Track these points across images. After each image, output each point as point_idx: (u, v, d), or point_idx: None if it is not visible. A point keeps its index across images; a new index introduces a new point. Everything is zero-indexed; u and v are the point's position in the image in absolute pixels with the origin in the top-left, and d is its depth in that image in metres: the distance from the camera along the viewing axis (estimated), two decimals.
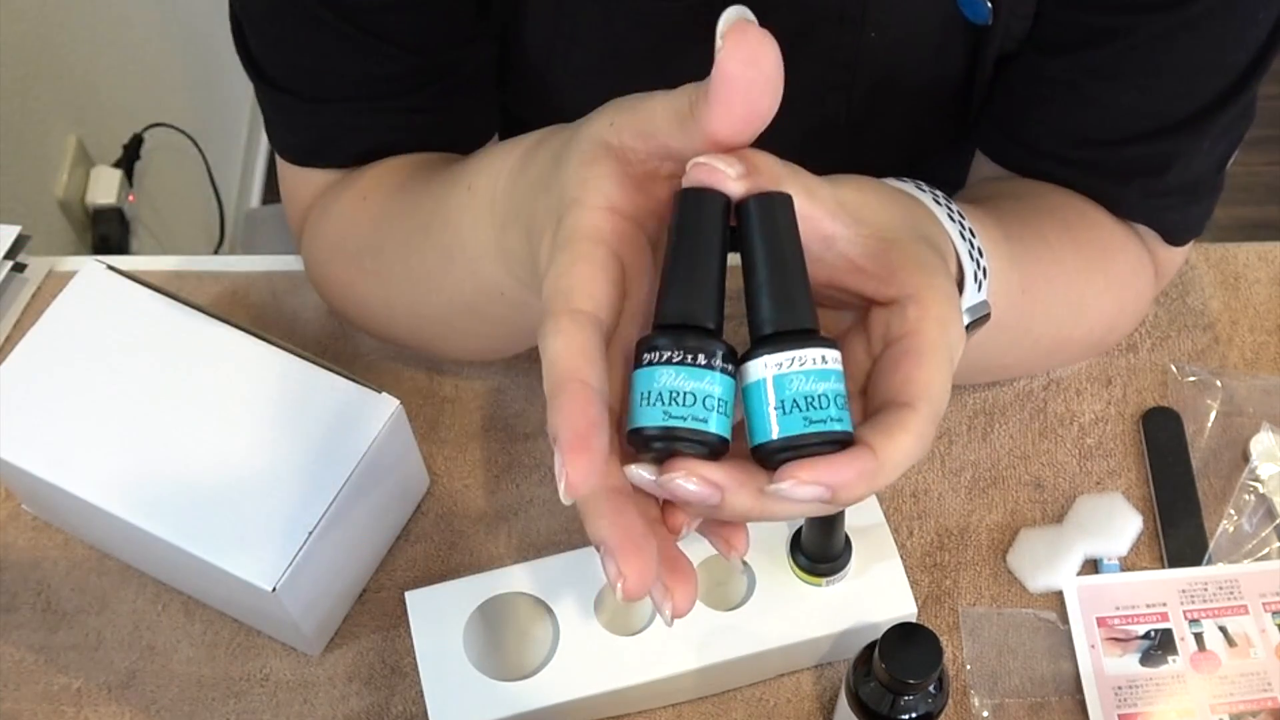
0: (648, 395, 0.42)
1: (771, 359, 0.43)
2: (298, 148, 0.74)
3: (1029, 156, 0.71)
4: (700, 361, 0.42)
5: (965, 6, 0.67)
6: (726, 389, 0.43)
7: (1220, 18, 0.63)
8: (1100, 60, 0.66)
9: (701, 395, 0.42)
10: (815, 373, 0.43)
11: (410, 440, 0.72)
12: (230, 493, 0.65)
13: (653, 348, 0.43)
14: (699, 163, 0.44)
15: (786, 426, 0.42)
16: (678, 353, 0.42)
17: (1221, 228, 1.91)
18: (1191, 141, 0.68)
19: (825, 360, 0.43)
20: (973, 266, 0.55)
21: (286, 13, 0.67)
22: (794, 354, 0.43)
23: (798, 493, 0.42)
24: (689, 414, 0.42)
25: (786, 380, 0.42)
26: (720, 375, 0.43)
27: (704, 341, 0.43)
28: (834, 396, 0.43)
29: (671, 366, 0.42)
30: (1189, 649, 0.70)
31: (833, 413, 0.42)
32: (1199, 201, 0.72)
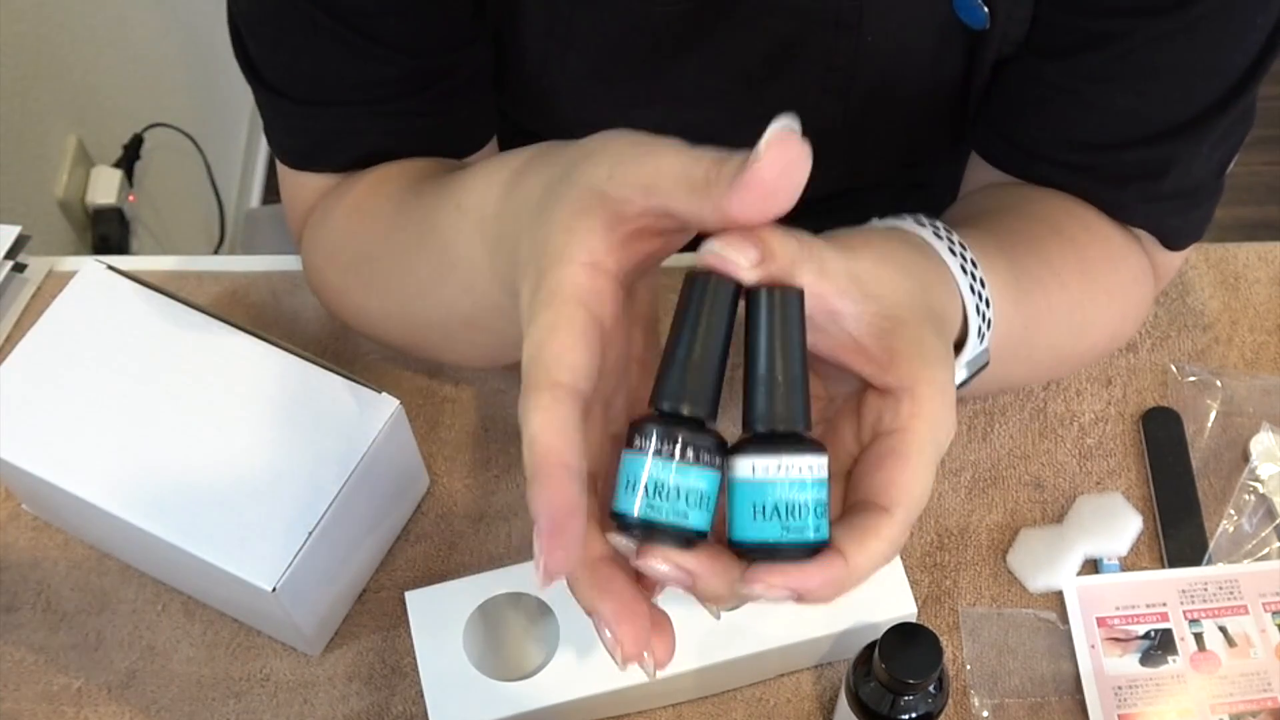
0: (633, 483, 0.43)
1: (759, 462, 0.43)
2: (295, 151, 0.74)
3: (1026, 160, 0.71)
4: (688, 457, 0.43)
5: (962, 11, 0.67)
6: (711, 484, 0.44)
7: (1218, 21, 0.63)
8: (1098, 64, 0.66)
9: (685, 491, 0.43)
10: (798, 483, 0.43)
11: (410, 440, 0.72)
12: (230, 493, 0.65)
13: (644, 434, 0.43)
14: (712, 251, 0.44)
15: (763, 532, 0.43)
16: (667, 444, 0.43)
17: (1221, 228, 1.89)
18: (1190, 145, 0.67)
19: (811, 469, 0.43)
20: (977, 321, 0.56)
21: (283, 16, 0.67)
22: (780, 460, 0.43)
23: (767, 594, 0.43)
24: (670, 508, 0.43)
25: (769, 488, 0.43)
26: (706, 471, 0.43)
27: (694, 435, 0.43)
28: (814, 505, 0.43)
29: (659, 459, 0.43)
30: (1189, 649, 0.70)
31: (810, 522, 0.43)
32: (1199, 206, 0.72)
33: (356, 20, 0.66)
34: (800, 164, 0.42)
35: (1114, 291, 0.71)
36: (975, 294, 0.56)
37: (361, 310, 0.73)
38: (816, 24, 0.69)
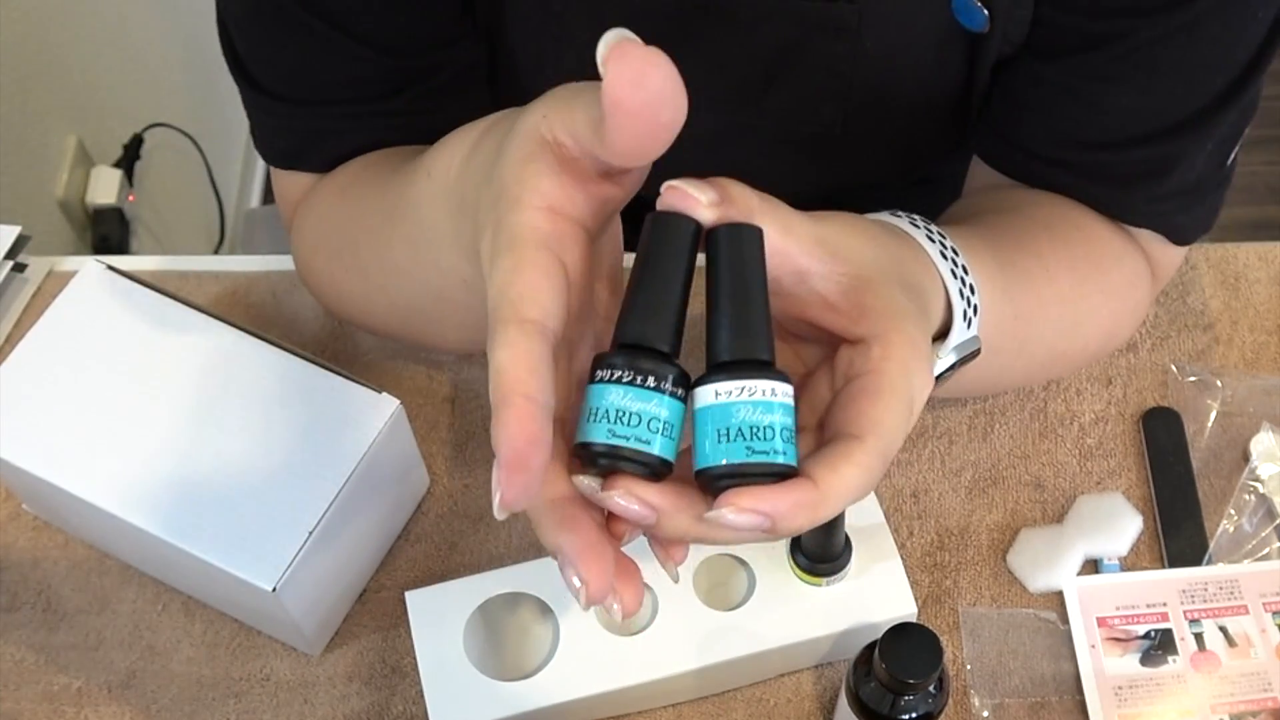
0: (595, 412, 0.43)
1: (721, 386, 0.43)
2: (281, 151, 0.74)
3: (1029, 162, 0.71)
4: (650, 384, 0.43)
5: (961, 15, 0.67)
6: (674, 413, 0.44)
7: (1219, 17, 0.63)
8: (1100, 63, 0.66)
9: (647, 417, 0.43)
10: (763, 404, 0.43)
11: (410, 440, 0.72)
12: (230, 493, 0.65)
13: (606, 365, 0.44)
14: (671, 186, 0.44)
15: (728, 454, 0.43)
16: (629, 373, 0.43)
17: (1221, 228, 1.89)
18: (1194, 142, 0.67)
19: (774, 393, 0.43)
20: (962, 305, 0.56)
21: (269, 16, 0.67)
22: (744, 384, 0.43)
23: (735, 520, 0.42)
24: (633, 434, 0.43)
25: (733, 409, 0.43)
26: (668, 399, 0.43)
27: (657, 364, 0.43)
28: (779, 429, 0.43)
29: (621, 386, 0.43)
30: (1189, 649, 0.70)
31: (777, 445, 0.43)
32: (1203, 201, 0.72)
33: (341, 19, 0.66)
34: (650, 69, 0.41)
35: (1108, 291, 0.71)
36: (957, 279, 0.55)
37: (348, 296, 0.72)
38: (815, 30, 0.69)
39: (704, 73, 0.72)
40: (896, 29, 0.69)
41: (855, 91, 0.73)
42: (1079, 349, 0.73)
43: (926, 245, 0.55)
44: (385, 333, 0.75)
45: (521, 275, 0.43)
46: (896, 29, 0.69)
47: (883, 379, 0.46)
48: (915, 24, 0.69)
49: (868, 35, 0.69)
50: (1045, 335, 0.68)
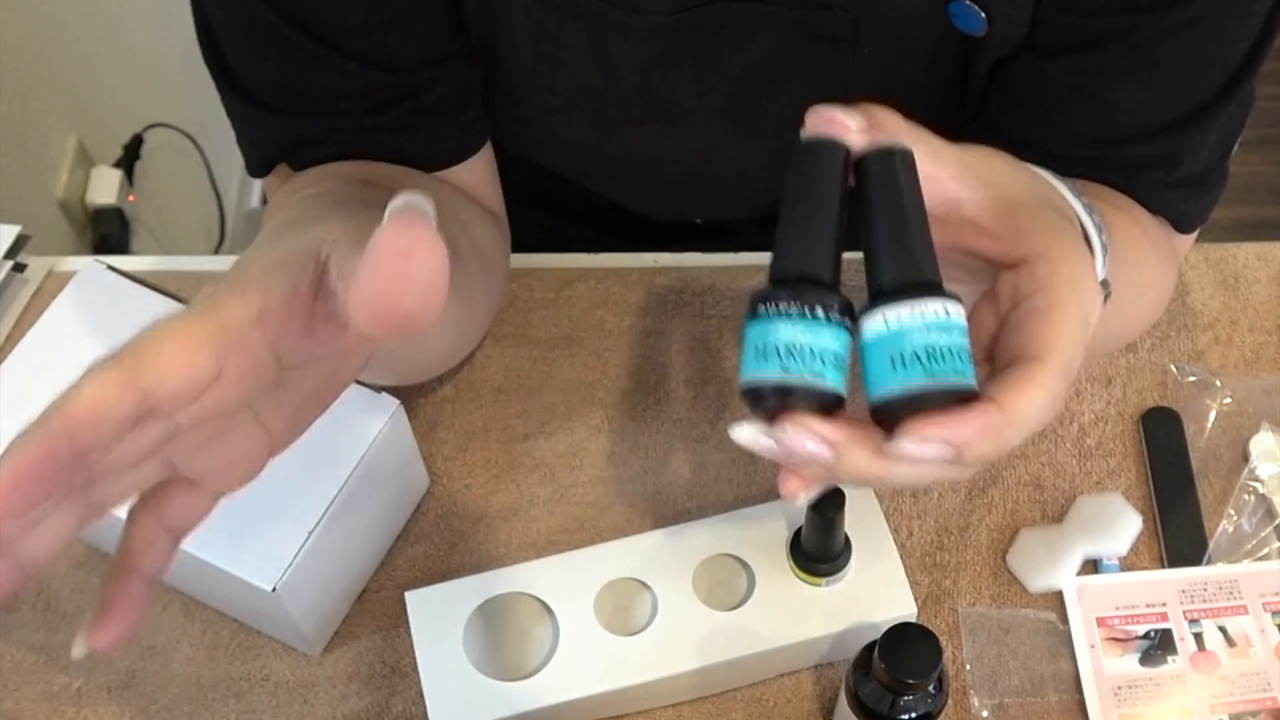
0: (763, 348, 0.41)
1: (890, 311, 0.41)
2: (263, 159, 0.74)
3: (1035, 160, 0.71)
4: (818, 314, 0.41)
5: (959, 19, 0.67)
6: (843, 344, 0.41)
7: (1220, 12, 0.63)
8: (1103, 60, 0.66)
9: (819, 349, 0.41)
10: (936, 324, 0.41)
11: (410, 440, 0.72)
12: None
13: (770, 299, 0.41)
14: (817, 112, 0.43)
15: (906, 379, 0.40)
16: (796, 304, 0.41)
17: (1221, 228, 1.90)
18: (1197, 135, 0.68)
19: (947, 313, 0.41)
20: (1100, 243, 0.54)
21: (258, 31, 0.67)
22: (913, 305, 0.41)
23: (919, 451, 0.40)
24: (806, 368, 0.41)
25: (906, 332, 0.41)
26: (838, 328, 0.41)
27: (821, 294, 0.41)
28: (957, 350, 0.41)
29: (789, 318, 0.41)
30: (1189, 649, 0.70)
31: (956, 365, 0.41)
32: (1208, 192, 0.72)
33: (332, 38, 0.66)
34: (422, 259, 0.36)
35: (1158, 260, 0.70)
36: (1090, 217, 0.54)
37: None
38: (811, 38, 0.69)
39: (701, 84, 0.72)
40: (893, 36, 0.69)
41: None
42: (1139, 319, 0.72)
43: (1058, 184, 0.54)
44: None
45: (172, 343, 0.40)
46: (893, 36, 0.69)
47: (1054, 295, 0.44)
48: (912, 30, 0.69)
49: (864, 43, 0.69)
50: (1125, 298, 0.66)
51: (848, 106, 0.43)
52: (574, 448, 0.78)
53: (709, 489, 0.76)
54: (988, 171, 0.47)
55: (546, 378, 0.80)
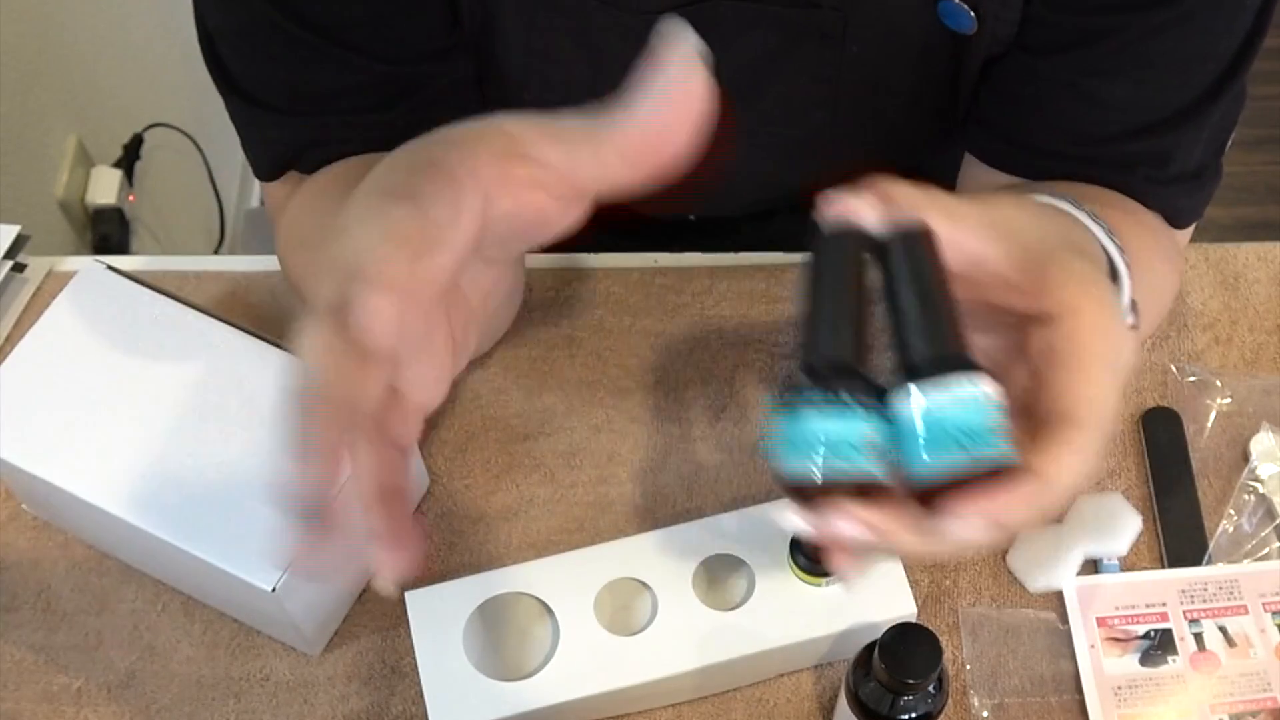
0: (798, 441, 0.41)
1: (919, 390, 0.41)
2: (271, 162, 0.74)
3: (1029, 158, 0.71)
4: (850, 402, 0.41)
5: (948, 18, 0.67)
6: (878, 429, 0.41)
7: (1211, 8, 0.63)
8: (1094, 58, 0.66)
9: (854, 439, 0.41)
10: (970, 401, 0.41)
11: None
12: (230, 493, 0.65)
13: (798, 390, 0.41)
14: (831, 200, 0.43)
15: (943, 459, 0.40)
16: (826, 395, 0.41)
17: (1221, 228, 1.90)
18: (1190, 132, 0.68)
19: (977, 386, 0.41)
20: (1125, 269, 0.54)
21: (257, 28, 0.67)
22: (946, 384, 0.41)
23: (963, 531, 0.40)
24: (845, 461, 0.41)
25: (941, 412, 0.41)
26: (872, 414, 0.41)
27: (851, 380, 0.41)
28: (993, 425, 0.41)
29: (821, 409, 0.41)
30: (1189, 649, 0.70)
31: (993, 440, 0.40)
32: (1203, 188, 0.72)
33: (334, 32, 0.66)
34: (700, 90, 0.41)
35: (1165, 260, 0.70)
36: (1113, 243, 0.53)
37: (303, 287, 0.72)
38: (801, 36, 0.69)
39: None
40: (882, 33, 0.69)
41: (843, 95, 0.73)
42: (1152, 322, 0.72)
43: (1076, 213, 0.53)
44: None
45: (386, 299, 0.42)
46: (882, 33, 0.69)
47: (1080, 348, 0.44)
48: (901, 28, 0.69)
49: (853, 40, 0.69)
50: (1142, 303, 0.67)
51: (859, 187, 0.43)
52: (574, 448, 0.78)
53: (709, 489, 0.76)
54: (1008, 224, 0.47)
55: (546, 378, 0.80)
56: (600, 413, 0.79)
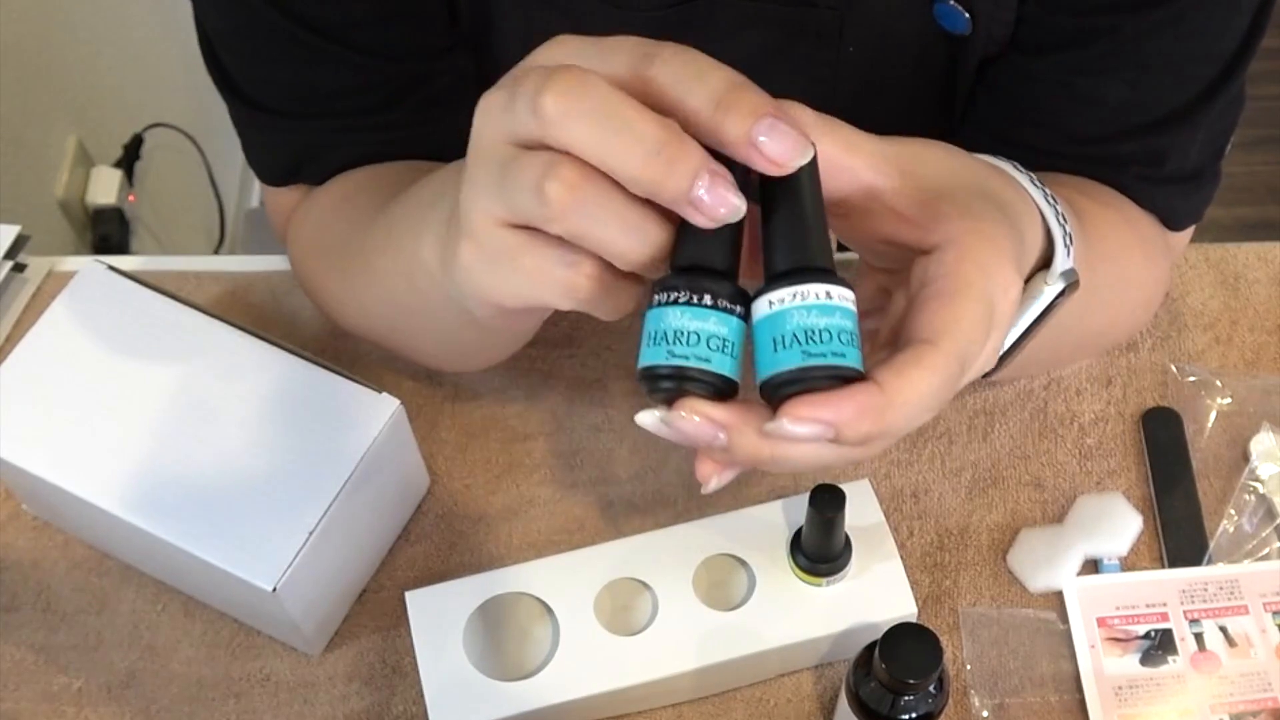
0: (654, 335, 0.43)
1: (775, 295, 0.42)
2: (275, 167, 0.74)
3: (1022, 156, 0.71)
4: (705, 301, 0.43)
5: (943, 19, 0.67)
6: (733, 330, 0.43)
7: (1205, 9, 0.63)
8: (1088, 58, 0.66)
9: (706, 335, 0.42)
10: (817, 307, 0.42)
11: (410, 440, 0.72)
12: (230, 493, 0.65)
13: (663, 288, 0.43)
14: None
15: (784, 360, 0.42)
16: (685, 293, 0.43)
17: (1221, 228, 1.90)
18: (1184, 133, 0.68)
19: (830, 295, 0.42)
20: (1060, 231, 0.53)
21: (257, 30, 0.67)
22: (796, 289, 0.42)
23: (794, 430, 0.41)
24: (692, 353, 0.42)
25: (787, 314, 0.42)
26: (725, 315, 0.43)
27: (713, 283, 0.43)
28: (837, 331, 0.42)
29: (678, 307, 0.43)
30: (1189, 649, 0.70)
31: (834, 347, 0.42)
32: (1199, 189, 0.72)
33: (334, 32, 0.66)
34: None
35: (1146, 253, 0.70)
36: (1051, 206, 0.53)
37: (334, 298, 0.72)
38: (797, 34, 0.69)
39: None
40: (878, 33, 0.69)
41: (839, 95, 0.73)
42: (1125, 315, 0.72)
43: (1016, 174, 0.53)
44: (370, 339, 0.75)
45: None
46: (878, 33, 0.69)
47: (956, 280, 0.44)
48: (897, 28, 0.69)
49: (849, 40, 0.69)
50: (1104, 292, 0.67)
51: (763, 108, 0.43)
52: (574, 448, 0.78)
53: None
54: (911, 161, 0.47)
55: (546, 378, 0.80)
56: (600, 413, 0.79)
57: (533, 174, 0.42)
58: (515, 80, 0.43)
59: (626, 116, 0.41)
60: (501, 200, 0.44)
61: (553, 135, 0.42)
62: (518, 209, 0.43)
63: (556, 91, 0.41)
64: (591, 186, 0.42)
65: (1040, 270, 0.53)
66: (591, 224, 0.42)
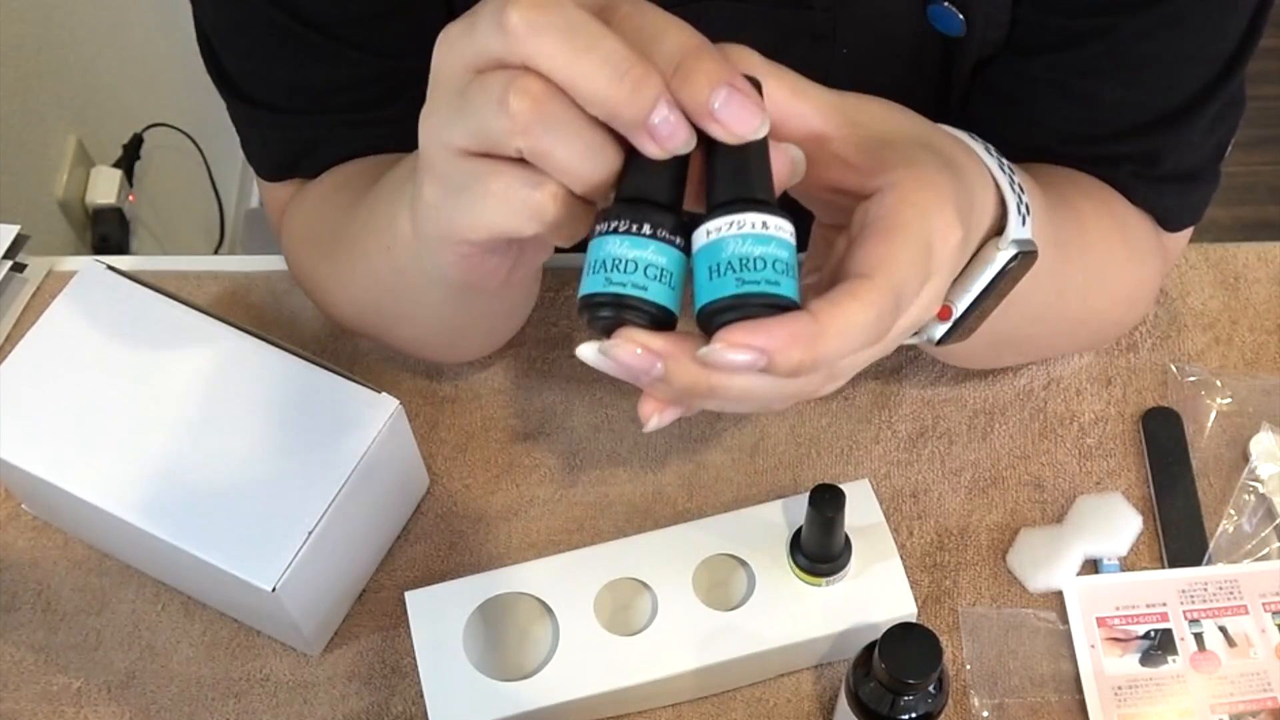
0: (594, 264, 0.43)
1: (712, 224, 0.43)
2: (273, 163, 0.74)
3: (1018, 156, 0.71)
4: (645, 231, 0.43)
5: (938, 21, 0.67)
6: (673, 261, 0.43)
7: (1200, 11, 0.63)
8: (1083, 59, 0.66)
9: (644, 263, 0.43)
10: (752, 236, 0.42)
11: (410, 440, 0.72)
12: (230, 493, 0.65)
13: (604, 218, 0.44)
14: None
15: (719, 289, 0.42)
16: (625, 222, 0.43)
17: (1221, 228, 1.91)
18: (1180, 134, 0.68)
19: (765, 226, 0.42)
20: (1014, 198, 0.53)
21: (254, 25, 0.67)
22: (732, 218, 0.43)
23: (727, 357, 0.41)
24: (629, 281, 0.43)
25: (723, 243, 0.42)
26: (664, 245, 0.43)
27: (655, 213, 0.43)
28: (771, 261, 0.42)
29: (617, 235, 0.43)
30: (1189, 649, 0.70)
31: (769, 275, 0.42)
32: (1196, 190, 0.72)
33: (326, 26, 0.66)
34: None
35: (1131, 251, 0.70)
36: (1006, 175, 0.53)
37: (323, 286, 0.72)
38: (792, 35, 0.69)
39: None
40: (872, 35, 0.69)
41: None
42: (1106, 307, 0.72)
43: (970, 142, 0.54)
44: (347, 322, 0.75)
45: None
46: (872, 35, 0.69)
47: (894, 218, 0.45)
48: (891, 30, 0.69)
49: (843, 41, 0.69)
50: (1080, 280, 0.67)
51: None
52: (574, 448, 0.78)
53: (709, 489, 0.76)
54: (859, 112, 0.47)
55: (546, 378, 0.80)
56: (600, 413, 0.79)
57: (495, 90, 0.42)
58: (476, 9, 0.43)
59: (593, 33, 0.41)
60: (463, 124, 0.44)
61: (518, 50, 0.41)
62: (480, 130, 0.43)
63: (524, 5, 0.41)
64: (555, 102, 0.42)
65: (994, 236, 0.54)
66: (554, 140, 0.42)
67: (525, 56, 0.41)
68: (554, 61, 0.41)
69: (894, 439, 0.77)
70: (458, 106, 0.44)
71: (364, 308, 0.70)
